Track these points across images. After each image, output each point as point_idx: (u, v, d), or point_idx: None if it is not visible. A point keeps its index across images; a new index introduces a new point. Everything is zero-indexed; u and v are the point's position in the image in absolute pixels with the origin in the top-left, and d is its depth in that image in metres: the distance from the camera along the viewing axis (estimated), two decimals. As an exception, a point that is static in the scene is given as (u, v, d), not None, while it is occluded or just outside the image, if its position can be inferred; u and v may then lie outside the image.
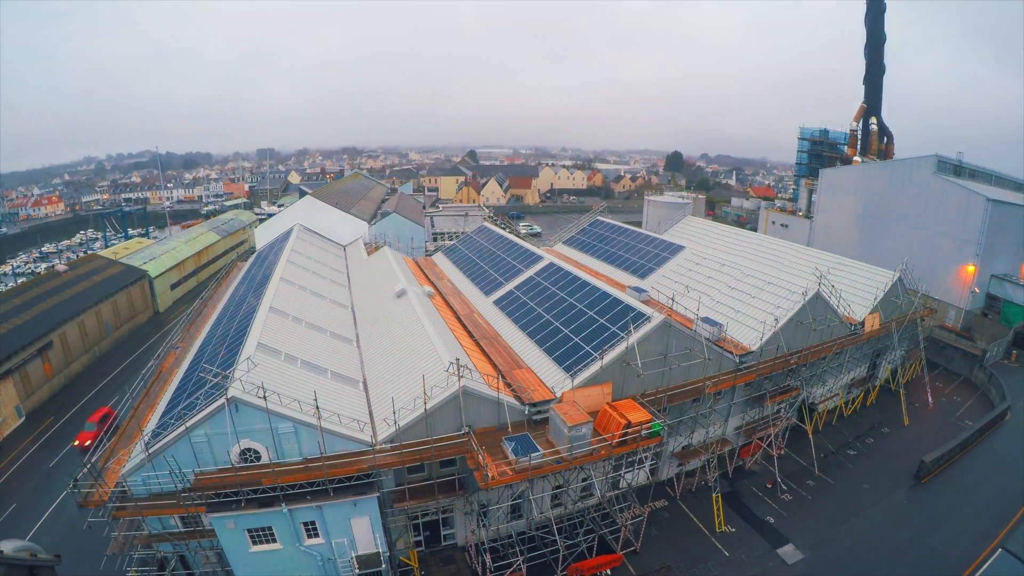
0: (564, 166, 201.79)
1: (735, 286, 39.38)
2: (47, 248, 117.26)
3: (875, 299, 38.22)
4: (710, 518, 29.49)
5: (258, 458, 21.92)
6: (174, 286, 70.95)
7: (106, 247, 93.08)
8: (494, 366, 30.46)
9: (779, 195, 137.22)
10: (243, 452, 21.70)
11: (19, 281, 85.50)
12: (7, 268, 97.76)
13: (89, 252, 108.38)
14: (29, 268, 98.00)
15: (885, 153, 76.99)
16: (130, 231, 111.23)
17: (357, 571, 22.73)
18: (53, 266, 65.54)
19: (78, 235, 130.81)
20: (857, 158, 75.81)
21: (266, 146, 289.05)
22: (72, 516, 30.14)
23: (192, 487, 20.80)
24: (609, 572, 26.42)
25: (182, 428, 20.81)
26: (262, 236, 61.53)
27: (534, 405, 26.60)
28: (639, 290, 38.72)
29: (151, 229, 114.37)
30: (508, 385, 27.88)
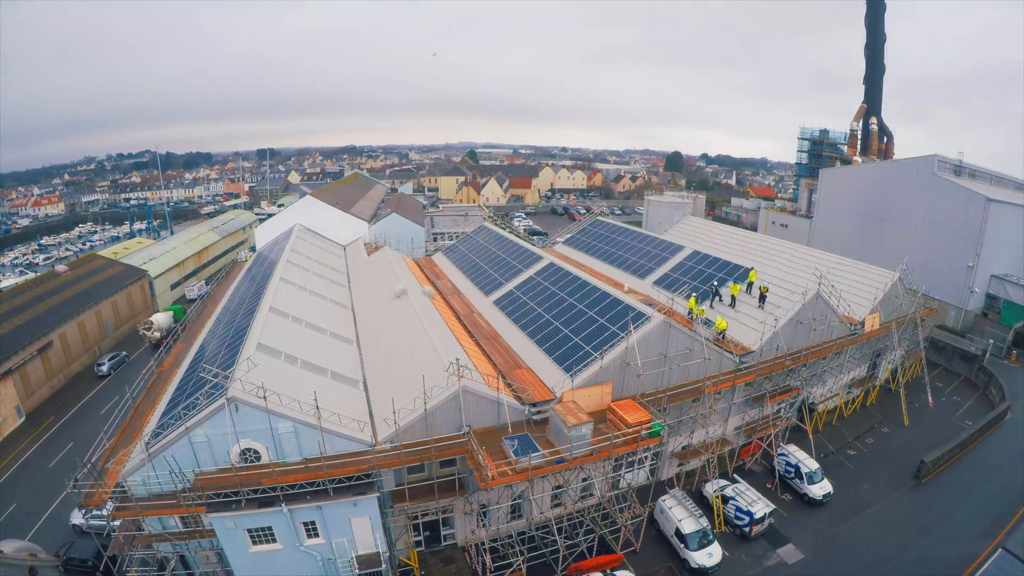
0: (564, 166, 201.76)
1: (735, 286, 39.36)
2: (46, 241, 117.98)
3: (875, 299, 38.22)
4: (710, 518, 29.41)
5: (258, 458, 21.92)
6: (174, 286, 70.94)
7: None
8: (494, 366, 30.46)
9: (779, 195, 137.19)
10: (243, 452, 21.70)
11: (18, 271, 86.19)
12: (6, 260, 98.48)
13: (87, 245, 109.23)
14: (27, 259, 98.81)
15: (885, 153, 76.95)
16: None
17: (357, 571, 22.72)
18: (52, 267, 65.62)
19: (76, 228, 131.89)
20: (857, 158, 75.77)
21: (266, 146, 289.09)
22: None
23: (192, 487, 20.79)
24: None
25: (182, 428, 20.81)
26: (262, 236, 61.59)
27: (534, 405, 26.61)
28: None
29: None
30: (508, 385, 27.87)
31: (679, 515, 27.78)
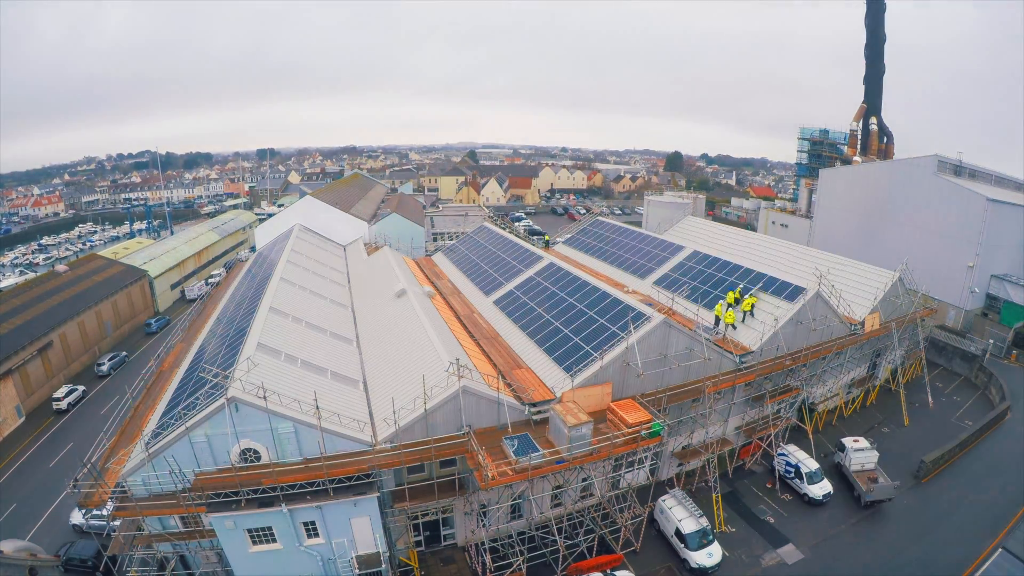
0: (564, 166, 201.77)
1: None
2: (46, 240, 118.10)
3: (875, 299, 38.20)
4: (710, 518, 29.44)
5: (258, 458, 21.92)
6: (174, 286, 70.98)
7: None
8: (494, 366, 30.46)
9: (779, 195, 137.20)
10: (243, 452, 21.70)
11: (18, 271, 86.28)
12: (6, 260, 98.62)
13: (87, 245, 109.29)
14: (27, 259, 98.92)
15: (885, 153, 76.89)
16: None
17: (357, 571, 22.73)
18: (52, 267, 65.69)
19: (76, 228, 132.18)
20: (857, 158, 75.72)
21: (266, 146, 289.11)
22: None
23: (192, 487, 20.80)
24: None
25: (182, 428, 20.81)
26: (262, 236, 61.62)
27: (534, 405, 26.61)
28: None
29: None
30: (508, 385, 27.88)
31: (679, 515, 27.77)
